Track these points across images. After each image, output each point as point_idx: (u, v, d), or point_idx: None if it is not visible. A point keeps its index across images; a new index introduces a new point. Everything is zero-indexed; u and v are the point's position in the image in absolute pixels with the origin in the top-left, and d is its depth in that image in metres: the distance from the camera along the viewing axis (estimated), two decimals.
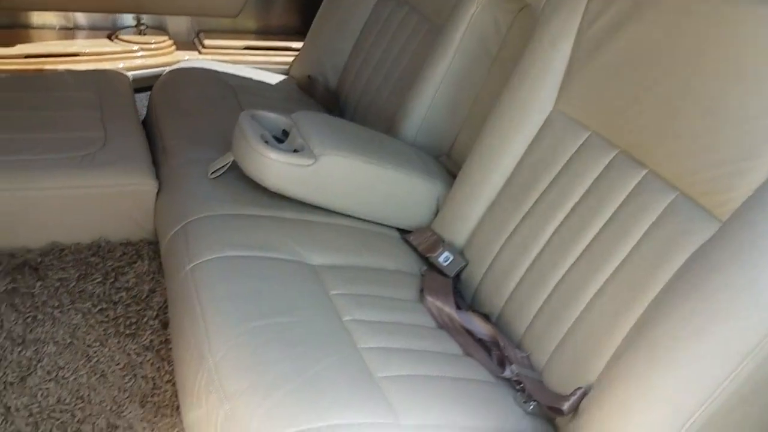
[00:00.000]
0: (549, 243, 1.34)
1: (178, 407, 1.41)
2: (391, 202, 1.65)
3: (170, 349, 1.52)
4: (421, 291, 1.44)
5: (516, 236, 1.41)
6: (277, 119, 1.67)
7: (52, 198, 1.71)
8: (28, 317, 1.56)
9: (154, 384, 1.47)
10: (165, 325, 1.59)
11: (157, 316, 1.62)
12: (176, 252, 1.45)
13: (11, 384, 1.41)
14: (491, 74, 1.84)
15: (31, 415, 1.37)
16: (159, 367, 1.51)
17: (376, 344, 1.24)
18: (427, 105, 1.89)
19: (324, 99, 2.36)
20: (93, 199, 1.74)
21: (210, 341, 1.17)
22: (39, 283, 1.64)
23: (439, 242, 1.56)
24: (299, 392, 1.07)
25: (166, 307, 1.61)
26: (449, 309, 1.38)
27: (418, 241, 1.60)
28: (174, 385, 1.47)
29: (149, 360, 1.52)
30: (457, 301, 1.43)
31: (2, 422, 1.34)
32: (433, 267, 1.54)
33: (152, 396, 1.45)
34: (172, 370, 1.48)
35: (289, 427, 1.01)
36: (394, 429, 1.06)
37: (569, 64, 1.44)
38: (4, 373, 1.43)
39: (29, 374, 1.44)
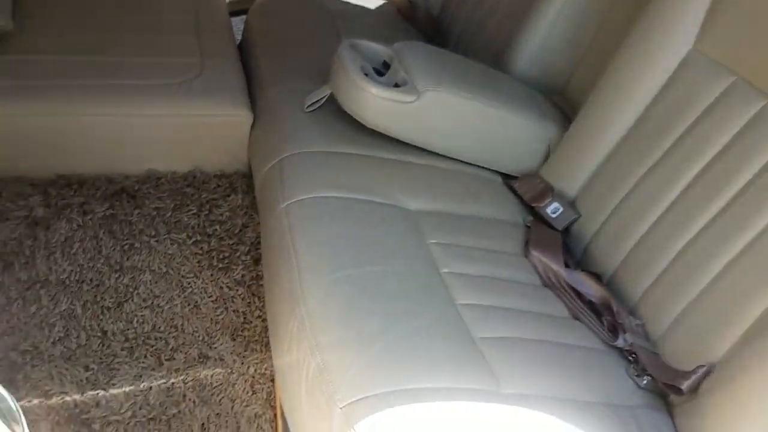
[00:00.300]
0: (678, 200, 1.21)
1: (267, 343, 1.41)
2: (497, 145, 1.54)
3: (261, 285, 1.51)
4: (526, 244, 1.35)
5: (639, 190, 1.28)
6: (377, 50, 1.57)
7: (148, 125, 1.69)
8: (125, 245, 1.58)
9: (245, 318, 1.48)
10: (256, 261, 1.58)
11: (249, 251, 1.60)
12: (271, 189, 1.41)
13: (108, 309, 1.45)
14: (617, 4, 1.65)
15: (126, 340, 1.40)
16: (250, 303, 1.51)
17: (475, 300, 1.17)
18: (542, 36, 1.71)
19: (425, 26, 2.22)
20: (188, 128, 1.71)
21: (303, 287, 1.12)
22: (137, 212, 1.65)
23: (548, 191, 1.44)
24: (394, 350, 1.01)
25: (258, 242, 1.59)
26: (557, 266, 1.28)
27: (524, 189, 1.49)
28: (264, 321, 1.47)
29: (240, 294, 1.52)
30: (565, 257, 1.32)
31: (99, 345, 1.38)
32: (539, 218, 1.43)
33: (243, 330, 1.46)
34: (263, 306, 1.49)
35: (383, 387, 0.96)
36: (495, 398, 0.99)
37: None
38: (102, 297, 1.46)
39: (126, 300, 1.47)
